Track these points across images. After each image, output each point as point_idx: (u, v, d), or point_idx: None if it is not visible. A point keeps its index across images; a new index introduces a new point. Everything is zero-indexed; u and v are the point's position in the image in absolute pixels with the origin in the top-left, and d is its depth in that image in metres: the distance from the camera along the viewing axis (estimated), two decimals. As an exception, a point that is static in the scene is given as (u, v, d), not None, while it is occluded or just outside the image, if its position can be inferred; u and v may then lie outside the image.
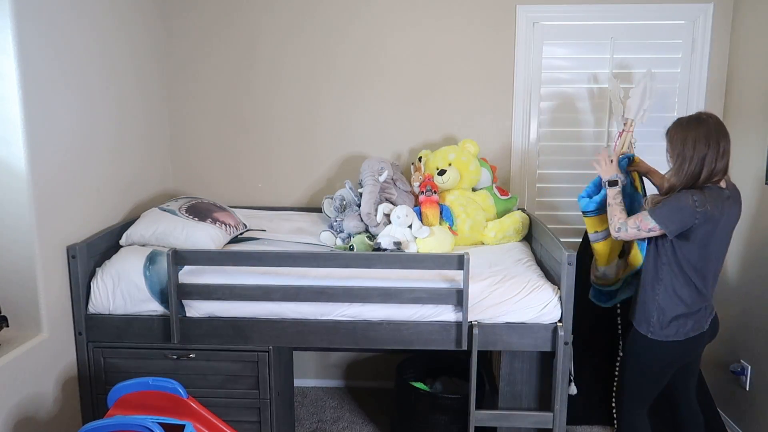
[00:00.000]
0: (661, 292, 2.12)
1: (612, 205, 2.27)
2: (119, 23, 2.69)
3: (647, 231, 2.08)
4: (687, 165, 2.02)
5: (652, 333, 2.13)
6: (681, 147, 2.03)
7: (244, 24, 3.17)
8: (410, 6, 3.12)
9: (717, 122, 2.04)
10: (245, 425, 2.37)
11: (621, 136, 2.89)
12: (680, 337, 2.11)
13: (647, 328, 2.15)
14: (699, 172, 2.01)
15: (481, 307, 2.25)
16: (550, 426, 2.31)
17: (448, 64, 3.16)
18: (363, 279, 2.30)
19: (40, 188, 2.12)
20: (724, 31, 3.03)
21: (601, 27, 3.09)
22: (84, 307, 2.34)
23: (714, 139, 2.00)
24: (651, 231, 2.08)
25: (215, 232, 2.56)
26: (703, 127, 2.02)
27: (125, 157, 2.77)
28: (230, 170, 3.31)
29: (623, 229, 2.16)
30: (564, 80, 3.16)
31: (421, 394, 2.76)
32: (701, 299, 2.10)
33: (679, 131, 2.07)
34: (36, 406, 2.13)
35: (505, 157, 3.22)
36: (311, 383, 3.46)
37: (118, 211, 2.71)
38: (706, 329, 2.15)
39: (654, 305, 2.13)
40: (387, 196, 2.81)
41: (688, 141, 2.02)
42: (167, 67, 3.22)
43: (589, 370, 2.82)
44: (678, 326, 2.10)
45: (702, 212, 1.97)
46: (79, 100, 2.38)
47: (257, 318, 2.32)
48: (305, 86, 3.21)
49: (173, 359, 2.36)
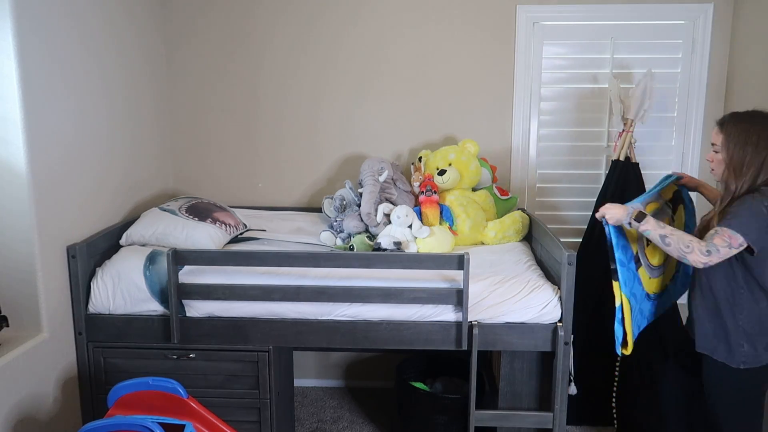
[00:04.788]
0: (744, 319, 1.91)
1: (666, 235, 1.91)
2: (120, 23, 2.69)
3: (738, 246, 1.82)
4: (749, 161, 1.85)
5: (745, 363, 1.92)
6: (744, 142, 1.85)
7: (245, 24, 3.17)
8: (410, 6, 3.12)
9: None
10: (245, 425, 2.37)
11: (621, 136, 2.89)
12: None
13: (740, 360, 1.92)
14: (760, 169, 1.85)
15: (481, 307, 2.25)
16: (550, 426, 2.30)
17: (448, 63, 3.16)
18: (363, 279, 2.30)
19: (40, 188, 2.12)
20: (724, 31, 3.03)
21: (601, 27, 3.09)
22: (84, 307, 2.34)
23: None
24: (741, 246, 1.83)
25: (215, 232, 2.56)
26: (765, 122, 1.87)
27: (125, 156, 2.76)
28: (230, 170, 3.31)
29: (713, 251, 1.83)
30: (564, 80, 3.16)
31: (421, 394, 2.76)
32: None
33: (741, 126, 1.89)
34: (36, 406, 2.12)
35: (505, 157, 3.22)
36: (311, 383, 3.46)
37: (118, 211, 2.71)
38: None
39: (740, 334, 1.91)
40: (387, 196, 2.81)
41: (752, 136, 1.85)
42: (168, 67, 3.21)
43: (589, 370, 2.82)
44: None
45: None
46: (79, 100, 2.38)
47: (257, 318, 2.32)
48: (305, 86, 3.21)
49: (173, 359, 2.36)
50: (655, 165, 3.14)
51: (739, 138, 1.88)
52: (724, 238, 1.82)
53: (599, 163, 3.19)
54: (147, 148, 3.00)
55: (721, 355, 1.95)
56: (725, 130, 1.93)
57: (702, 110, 3.08)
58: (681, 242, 1.88)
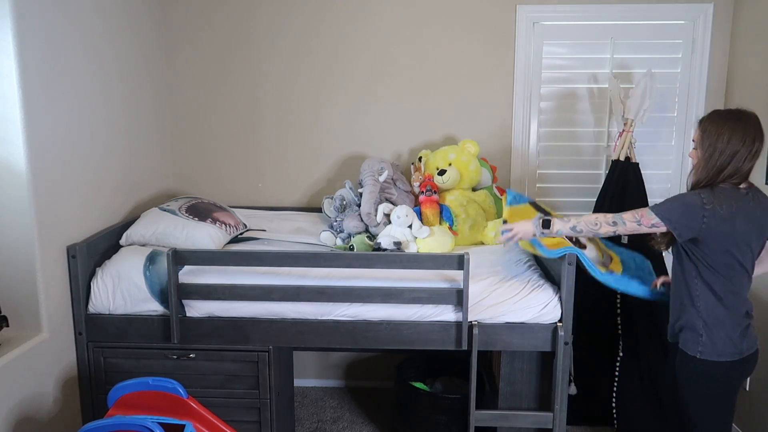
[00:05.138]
0: (702, 309, 1.95)
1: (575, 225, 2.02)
2: (119, 22, 2.69)
3: (649, 226, 1.94)
4: (716, 158, 1.89)
5: (702, 353, 1.95)
6: (715, 139, 1.90)
7: (245, 24, 3.17)
8: (411, 7, 3.12)
9: (756, 121, 1.92)
10: (245, 425, 2.37)
11: (621, 136, 2.89)
12: (736, 357, 1.94)
13: (697, 349, 1.96)
14: (725, 167, 1.89)
15: (481, 307, 2.25)
16: (550, 426, 2.30)
17: (448, 63, 3.16)
18: (363, 279, 2.30)
19: (40, 188, 2.12)
20: (724, 31, 3.03)
21: (601, 27, 3.09)
22: (84, 307, 2.34)
23: (751, 137, 1.88)
24: (654, 227, 1.93)
25: (215, 232, 2.56)
26: (742, 122, 1.90)
27: (125, 157, 2.76)
28: (230, 170, 3.31)
29: (619, 222, 1.97)
30: (564, 80, 3.16)
31: (421, 394, 2.76)
32: (744, 304, 1.96)
33: (716, 123, 1.92)
34: (36, 406, 2.13)
35: (505, 157, 3.22)
36: (311, 383, 3.46)
37: (118, 211, 2.71)
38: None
39: (700, 324, 1.95)
40: (387, 196, 2.81)
41: (724, 134, 1.89)
42: (168, 67, 3.21)
43: (589, 370, 2.82)
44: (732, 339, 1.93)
45: (710, 210, 1.85)
46: (79, 100, 2.38)
47: (257, 318, 2.32)
48: (305, 86, 3.21)
49: (173, 359, 2.36)
50: (655, 165, 3.14)
51: (711, 135, 1.92)
52: (636, 215, 1.95)
53: (599, 163, 3.19)
54: (147, 148, 3.00)
55: (685, 344, 2.00)
56: (702, 126, 1.98)
57: (702, 110, 3.08)
58: (589, 223, 2.00)
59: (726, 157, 1.89)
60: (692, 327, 1.97)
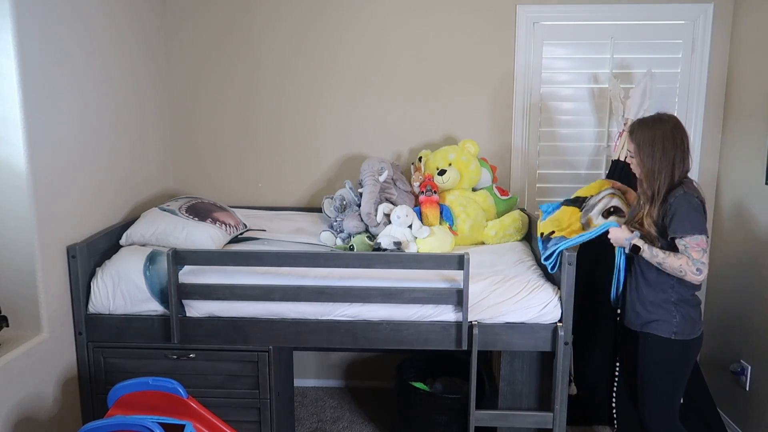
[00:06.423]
0: (676, 291, 2.10)
1: (660, 263, 2.05)
2: (119, 24, 2.69)
3: (707, 244, 2.02)
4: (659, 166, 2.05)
5: (676, 334, 2.10)
6: (651, 148, 2.06)
7: (245, 25, 3.17)
8: (410, 6, 3.12)
9: (677, 122, 2.10)
10: (245, 425, 2.37)
11: (621, 136, 2.89)
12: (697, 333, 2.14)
13: (671, 330, 2.11)
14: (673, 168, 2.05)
15: (481, 307, 2.25)
16: (550, 426, 2.31)
17: (448, 64, 3.16)
18: (363, 279, 2.30)
19: (40, 188, 2.12)
20: (724, 31, 3.03)
21: (601, 27, 3.09)
22: (84, 307, 2.34)
23: (679, 137, 2.06)
24: (708, 242, 2.05)
25: (215, 232, 2.56)
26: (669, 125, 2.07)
27: (125, 156, 2.77)
28: (230, 170, 3.31)
29: (701, 267, 1.99)
30: (564, 80, 3.16)
31: (421, 394, 2.76)
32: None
33: (647, 132, 2.08)
34: (36, 406, 2.13)
35: (505, 157, 3.22)
36: (311, 383, 3.46)
37: (118, 211, 2.71)
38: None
39: (672, 306, 2.11)
40: (387, 196, 2.81)
41: (657, 141, 2.05)
42: (168, 67, 3.21)
43: (589, 370, 2.81)
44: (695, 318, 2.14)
45: (703, 201, 2.05)
46: (79, 100, 2.38)
47: (257, 318, 2.32)
48: (306, 86, 3.21)
49: (173, 359, 2.36)
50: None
51: (645, 146, 2.07)
52: (696, 248, 1.99)
53: (599, 163, 3.19)
54: (147, 148, 3.00)
55: (657, 328, 2.12)
56: (634, 138, 2.11)
57: (702, 110, 3.08)
58: (673, 269, 2.03)
59: (668, 160, 2.04)
60: (666, 310, 2.10)
